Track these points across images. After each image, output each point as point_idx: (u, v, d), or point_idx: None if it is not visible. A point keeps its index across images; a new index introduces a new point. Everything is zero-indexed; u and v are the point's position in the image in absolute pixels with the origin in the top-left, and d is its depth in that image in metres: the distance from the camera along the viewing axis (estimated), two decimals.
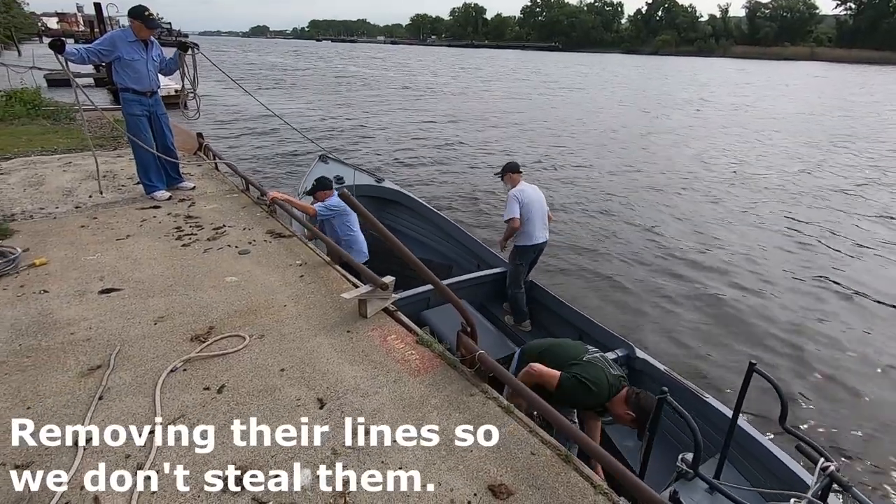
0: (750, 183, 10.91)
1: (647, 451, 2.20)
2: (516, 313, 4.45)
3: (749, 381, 2.20)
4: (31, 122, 8.69)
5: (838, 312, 5.70)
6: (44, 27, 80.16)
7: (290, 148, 12.72)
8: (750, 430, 2.74)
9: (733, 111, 23.30)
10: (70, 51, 4.07)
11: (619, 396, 2.47)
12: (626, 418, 2.47)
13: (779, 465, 2.56)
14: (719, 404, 2.96)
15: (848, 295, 6.08)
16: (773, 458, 2.59)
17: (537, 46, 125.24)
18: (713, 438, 2.84)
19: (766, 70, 60.50)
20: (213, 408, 2.15)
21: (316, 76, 35.73)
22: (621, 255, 7.02)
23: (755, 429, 2.79)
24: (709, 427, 2.91)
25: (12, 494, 1.71)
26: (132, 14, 4.45)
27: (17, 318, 2.75)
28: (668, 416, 2.06)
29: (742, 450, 2.74)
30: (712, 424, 2.90)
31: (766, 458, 2.63)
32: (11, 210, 4.39)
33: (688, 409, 2.97)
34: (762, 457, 2.65)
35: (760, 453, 2.67)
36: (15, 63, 21.81)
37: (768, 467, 2.62)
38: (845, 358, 4.86)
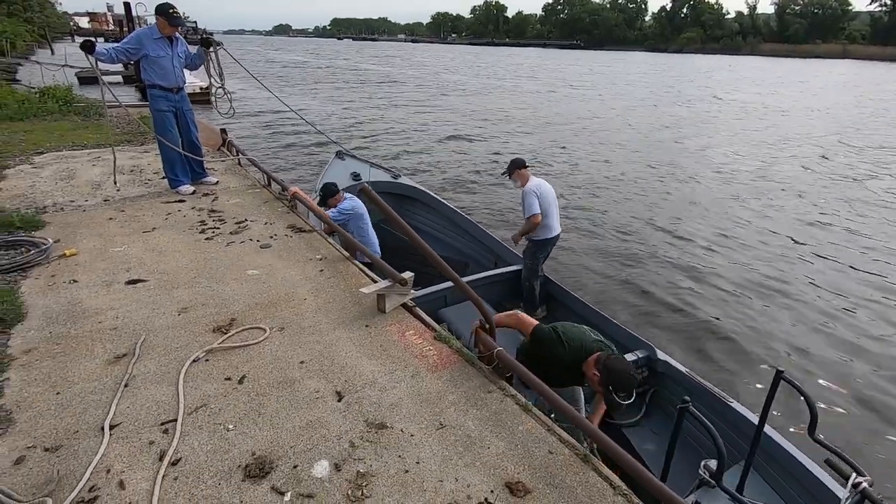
0: (772, 184, 10.64)
1: (670, 454, 2.16)
2: (529, 303, 4.44)
3: (776, 388, 2.12)
4: (62, 118, 8.96)
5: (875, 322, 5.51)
6: (75, 26, 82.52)
7: (307, 144, 12.85)
8: (777, 438, 2.64)
9: (740, 109, 22.71)
10: (100, 51, 4.24)
11: (591, 358, 2.41)
12: (593, 379, 2.37)
13: (808, 477, 2.45)
14: (744, 409, 2.86)
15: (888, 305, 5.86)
16: (801, 468, 2.48)
17: (559, 44, 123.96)
18: (737, 444, 2.76)
19: (791, 68, 58.83)
20: (234, 398, 2.18)
21: (335, 74, 36.01)
22: (640, 255, 6.91)
23: (782, 437, 2.67)
24: (732, 432, 2.83)
25: (42, 476, 1.76)
26: (157, 11, 4.56)
27: (48, 307, 2.83)
28: (690, 420, 2.01)
29: (768, 458, 2.64)
30: (736, 430, 2.82)
31: (794, 468, 2.52)
32: (44, 202, 4.53)
33: (710, 413, 2.91)
34: (790, 467, 2.55)
35: (788, 463, 2.56)
36: (48, 61, 22.48)
37: (797, 478, 2.51)
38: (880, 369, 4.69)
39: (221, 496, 1.71)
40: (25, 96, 10.08)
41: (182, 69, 4.82)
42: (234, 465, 1.84)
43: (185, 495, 1.71)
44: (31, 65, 23.40)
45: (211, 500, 1.70)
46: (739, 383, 4.37)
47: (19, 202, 4.50)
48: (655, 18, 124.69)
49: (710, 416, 2.94)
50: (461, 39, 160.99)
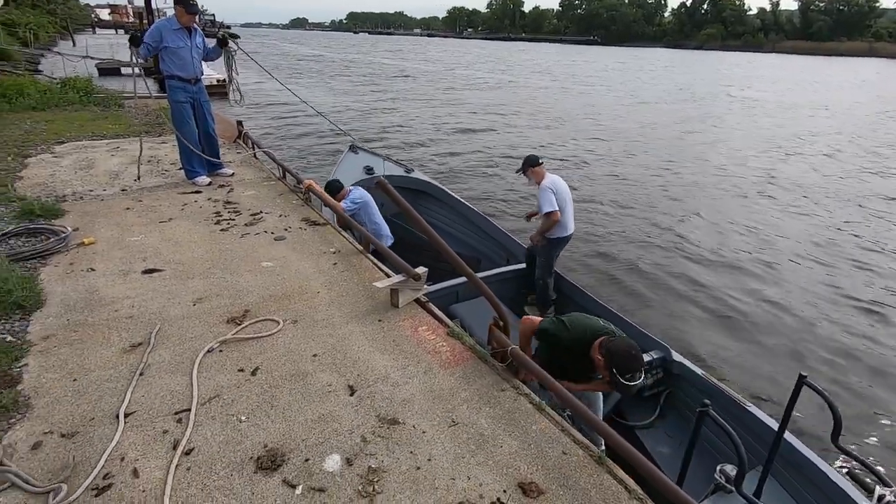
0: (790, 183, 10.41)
1: (687, 460, 2.11)
2: (543, 301, 4.41)
3: (798, 393, 2.06)
4: (83, 108, 9.08)
5: None
6: (97, 18, 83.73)
7: (321, 137, 12.88)
8: (797, 445, 2.56)
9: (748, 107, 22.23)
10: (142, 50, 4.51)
11: (596, 342, 2.38)
12: (599, 363, 2.35)
13: (830, 486, 2.36)
14: (762, 414, 2.79)
15: None
16: (823, 476, 2.40)
17: (575, 40, 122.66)
18: (754, 449, 2.70)
19: (808, 66, 57.47)
20: (247, 389, 2.19)
21: (349, 67, 36.04)
22: (654, 254, 6.81)
23: (803, 444, 2.59)
24: (749, 437, 2.76)
25: (59, 461, 1.78)
26: (175, 1, 4.58)
27: (67, 294, 2.87)
28: (706, 424, 1.96)
29: (787, 465, 2.57)
30: (754, 435, 2.75)
31: (815, 476, 2.45)
32: (63, 191, 4.59)
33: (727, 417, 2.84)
34: (811, 474, 2.47)
35: (809, 470, 2.48)
36: (70, 52, 22.82)
37: (818, 487, 2.43)
38: None
39: (234, 487, 1.71)
40: (47, 87, 10.23)
41: (200, 60, 4.85)
42: (247, 456, 1.84)
43: (197, 485, 1.72)
44: (53, 56, 23.80)
45: (223, 491, 1.70)
46: (757, 387, 4.29)
47: (40, 191, 4.57)
48: (675, 14, 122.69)
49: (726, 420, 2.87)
50: (477, 34, 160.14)
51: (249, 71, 15.95)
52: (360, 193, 4.43)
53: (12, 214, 3.93)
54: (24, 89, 9.23)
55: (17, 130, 6.89)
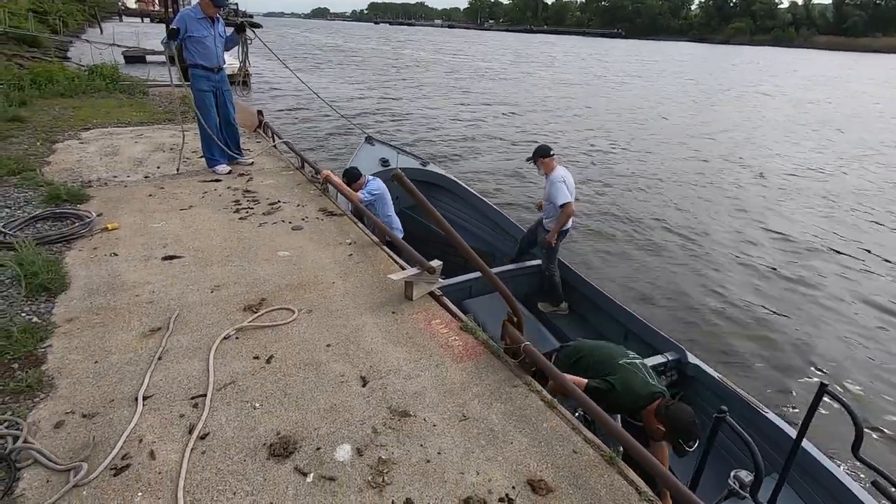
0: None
1: (702, 466, 2.08)
2: (554, 296, 4.41)
3: (819, 402, 2.01)
4: (109, 95, 9.26)
5: None
6: (123, 6, 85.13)
7: (338, 127, 12.92)
8: (815, 454, 2.52)
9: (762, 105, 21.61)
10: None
11: (650, 408, 2.33)
12: (657, 433, 2.32)
13: (849, 497, 2.32)
14: (779, 420, 2.74)
15: None
16: (841, 486, 2.36)
17: (599, 33, 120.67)
18: (769, 456, 2.65)
19: (842, 62, 55.54)
20: (262, 377, 2.22)
21: (369, 58, 36.04)
22: (672, 251, 6.69)
23: (821, 453, 2.55)
24: (765, 443, 2.72)
25: (79, 441, 1.83)
26: None
27: (90, 278, 2.94)
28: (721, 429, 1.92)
29: (804, 473, 2.52)
30: (770, 441, 2.71)
31: (833, 485, 2.40)
32: (89, 177, 4.70)
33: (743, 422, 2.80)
34: (829, 484, 2.42)
35: (827, 480, 2.44)
36: (97, 40, 23.24)
37: (836, 497, 2.39)
38: None
39: (247, 472, 1.74)
40: (75, 73, 10.45)
41: (223, 49, 4.89)
42: (260, 443, 1.87)
43: (211, 469, 1.75)
44: (82, 43, 24.30)
45: (236, 476, 1.73)
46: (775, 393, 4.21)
47: (66, 176, 4.68)
48: (702, 7, 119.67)
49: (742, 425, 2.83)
50: (498, 25, 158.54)
51: (268, 62, 15.89)
52: (378, 185, 4.43)
53: (40, 199, 4.04)
54: (54, 76, 9.45)
55: (45, 116, 7.06)
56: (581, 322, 4.31)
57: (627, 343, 3.77)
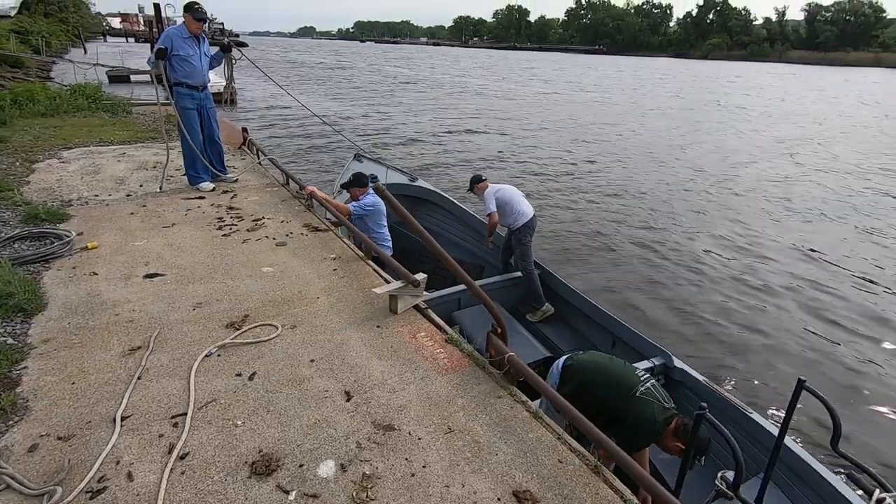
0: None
1: (684, 468, 2.09)
2: (535, 298, 4.48)
3: (797, 398, 2.05)
4: (91, 114, 9.20)
5: None
6: (108, 26, 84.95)
7: (325, 145, 12.96)
8: (798, 451, 2.57)
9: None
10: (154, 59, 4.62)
11: (669, 429, 2.33)
12: (674, 450, 2.32)
13: (831, 491, 2.37)
14: (764, 420, 2.80)
15: None
16: (823, 482, 2.41)
17: (581, 49, 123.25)
18: (756, 456, 2.69)
19: (811, 75, 57.43)
20: (244, 394, 2.19)
21: (354, 76, 36.35)
22: (652, 258, 6.78)
23: (803, 449, 2.61)
24: (751, 444, 2.76)
25: (54, 464, 1.78)
26: (184, 9, 4.71)
27: (68, 298, 2.89)
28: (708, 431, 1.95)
29: (789, 471, 2.57)
30: (755, 441, 2.75)
31: (815, 481, 2.45)
32: (69, 196, 4.64)
33: (729, 424, 2.85)
34: (811, 480, 2.47)
35: (809, 476, 2.49)
36: (81, 60, 23.07)
37: (818, 492, 2.44)
38: None
39: (227, 492, 1.71)
40: (57, 93, 10.37)
41: (208, 67, 4.92)
42: (241, 461, 1.84)
43: (191, 490, 1.71)
44: (65, 63, 24.15)
45: (217, 496, 1.70)
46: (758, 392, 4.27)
47: (46, 195, 4.62)
48: (680, 24, 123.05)
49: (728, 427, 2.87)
50: (482, 43, 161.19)
51: (254, 79, 15.92)
52: (374, 202, 4.40)
53: (18, 218, 3.98)
54: (35, 95, 9.37)
55: (26, 136, 6.98)
56: (570, 330, 4.34)
57: (615, 350, 3.81)
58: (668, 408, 2.39)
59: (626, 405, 2.37)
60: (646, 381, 2.49)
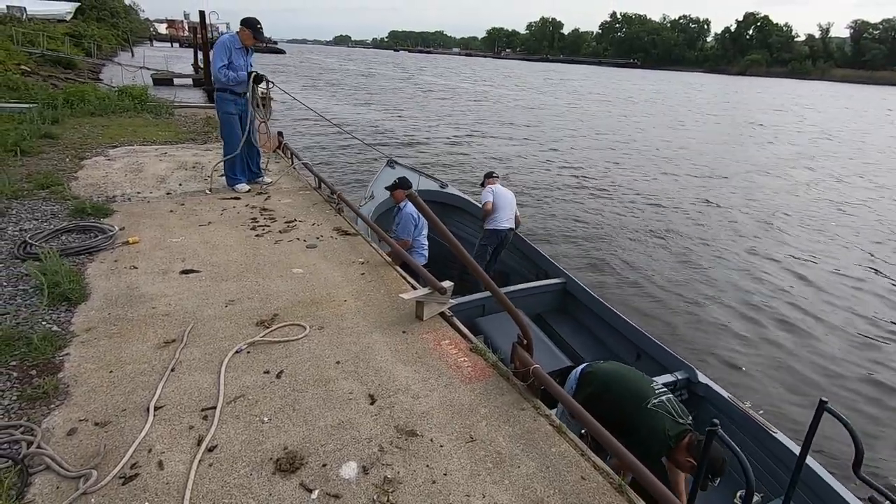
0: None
1: (696, 485, 2.05)
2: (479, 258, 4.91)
3: (819, 419, 2.01)
4: (137, 115, 9.61)
5: None
6: (154, 32, 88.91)
7: (358, 150, 13.16)
8: (820, 472, 2.51)
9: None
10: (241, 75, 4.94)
11: (682, 444, 2.29)
12: (686, 466, 2.28)
13: None
14: (787, 440, 2.74)
15: None
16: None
17: (614, 63, 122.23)
18: (778, 476, 2.65)
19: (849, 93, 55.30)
20: (271, 391, 2.24)
21: (389, 84, 36.91)
22: (681, 271, 6.62)
23: (826, 471, 2.54)
24: (774, 464, 2.72)
25: (91, 448, 1.85)
26: (245, 23, 4.93)
27: (110, 290, 3.01)
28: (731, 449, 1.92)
29: (811, 493, 2.52)
30: (779, 461, 2.70)
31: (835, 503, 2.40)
32: (113, 192, 4.85)
33: (753, 442, 2.81)
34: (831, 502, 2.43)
35: (831, 499, 2.44)
36: (129, 63, 24.18)
37: None
38: None
39: (252, 487, 1.75)
40: (106, 94, 10.88)
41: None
42: (267, 457, 1.88)
43: (218, 482, 1.76)
44: (113, 66, 25.35)
45: (242, 489, 1.73)
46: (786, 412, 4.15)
47: (92, 191, 4.84)
48: (718, 39, 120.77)
49: (752, 446, 2.82)
50: (515, 55, 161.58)
51: (291, 85, 16.24)
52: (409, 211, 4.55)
53: (66, 212, 4.18)
54: (86, 96, 9.86)
55: (76, 134, 7.34)
56: (593, 340, 4.29)
57: (639, 362, 3.76)
58: (681, 423, 2.35)
59: (639, 416, 2.36)
60: (661, 394, 2.46)
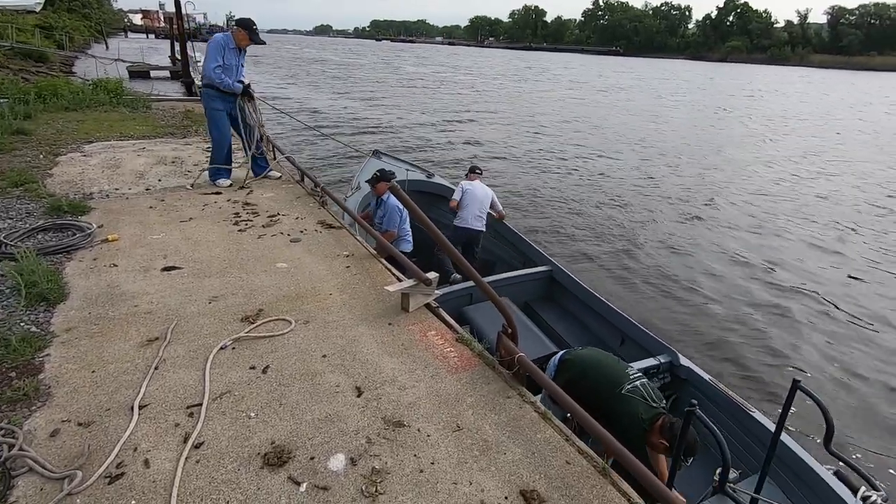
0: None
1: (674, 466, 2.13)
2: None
3: (792, 398, 2.11)
4: (113, 109, 9.37)
5: None
6: (129, 23, 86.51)
7: (342, 143, 13.03)
8: (795, 448, 2.62)
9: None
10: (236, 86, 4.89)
11: (655, 427, 2.37)
12: (659, 447, 2.37)
13: (824, 488, 2.43)
14: (764, 419, 2.85)
15: None
16: (818, 479, 2.47)
17: (597, 50, 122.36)
18: (756, 453, 2.76)
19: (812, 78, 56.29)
20: (258, 387, 2.23)
21: (369, 73, 36.51)
22: (665, 258, 6.73)
23: (801, 447, 2.65)
24: (753, 441, 2.83)
25: (75, 449, 1.84)
26: (241, 24, 4.88)
27: (89, 289, 2.96)
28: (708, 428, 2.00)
29: (786, 468, 2.63)
30: (756, 439, 2.81)
31: (810, 478, 2.51)
32: (90, 189, 4.75)
33: (732, 422, 2.93)
34: (807, 477, 2.54)
35: (805, 473, 2.55)
36: (103, 55, 23.55)
37: (813, 488, 2.50)
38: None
39: (240, 482, 1.75)
40: (80, 88, 10.58)
41: (242, 76, 5.09)
42: (254, 452, 1.88)
43: (205, 478, 1.76)
44: (87, 58, 24.66)
45: (230, 485, 1.74)
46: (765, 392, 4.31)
47: (68, 188, 4.73)
48: (699, 26, 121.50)
49: (731, 425, 2.95)
50: (498, 43, 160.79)
51: (277, 79, 16.03)
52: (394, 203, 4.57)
53: (41, 210, 4.08)
54: (58, 90, 9.58)
55: (49, 129, 7.15)
56: (580, 327, 4.35)
57: (623, 347, 3.87)
58: (654, 406, 2.43)
59: (614, 401, 2.44)
60: (635, 379, 2.54)
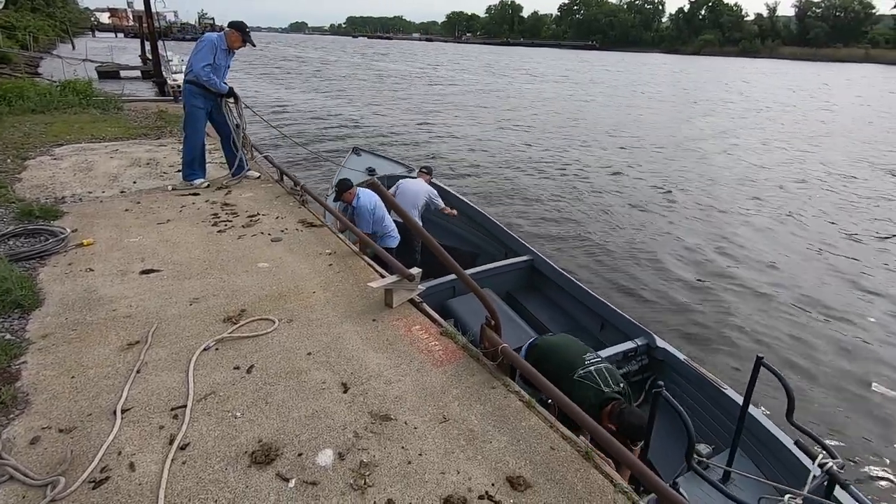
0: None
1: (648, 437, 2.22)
2: None
3: (757, 374, 2.21)
4: (82, 111, 9.11)
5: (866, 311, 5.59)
6: (96, 21, 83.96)
7: (323, 141, 12.94)
8: (763, 422, 2.75)
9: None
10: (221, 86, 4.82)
11: (604, 412, 2.45)
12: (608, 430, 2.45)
13: (790, 457, 2.56)
14: (736, 395, 2.96)
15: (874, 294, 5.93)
16: (784, 449, 2.60)
17: (573, 45, 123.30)
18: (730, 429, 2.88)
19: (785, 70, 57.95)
20: (242, 386, 2.23)
21: (345, 70, 36.21)
22: (630, 242, 6.88)
23: (770, 421, 2.78)
24: (726, 417, 2.94)
25: (57, 455, 1.81)
26: (234, 26, 4.81)
27: (65, 294, 2.91)
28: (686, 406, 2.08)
29: (756, 440, 2.76)
30: (729, 415, 2.91)
31: (777, 449, 2.65)
32: (63, 193, 4.63)
33: (707, 399, 3.07)
34: (773, 447, 2.67)
35: (771, 443, 2.68)
36: (69, 55, 22.84)
37: (780, 459, 2.63)
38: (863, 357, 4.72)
39: (228, 481, 1.75)
40: (47, 89, 10.25)
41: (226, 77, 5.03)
42: (241, 451, 1.88)
43: (192, 479, 1.75)
44: (53, 59, 23.89)
45: (218, 484, 1.74)
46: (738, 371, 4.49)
47: (39, 192, 4.61)
48: (672, 20, 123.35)
49: (706, 403, 3.09)
50: (476, 39, 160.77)
51: (250, 78, 15.86)
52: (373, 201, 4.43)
53: (11, 216, 3.97)
54: (24, 92, 9.26)
55: (16, 133, 6.92)
56: (562, 314, 4.43)
57: (604, 332, 3.97)
58: (605, 392, 2.49)
59: (569, 386, 2.51)
60: (590, 364, 2.61)
